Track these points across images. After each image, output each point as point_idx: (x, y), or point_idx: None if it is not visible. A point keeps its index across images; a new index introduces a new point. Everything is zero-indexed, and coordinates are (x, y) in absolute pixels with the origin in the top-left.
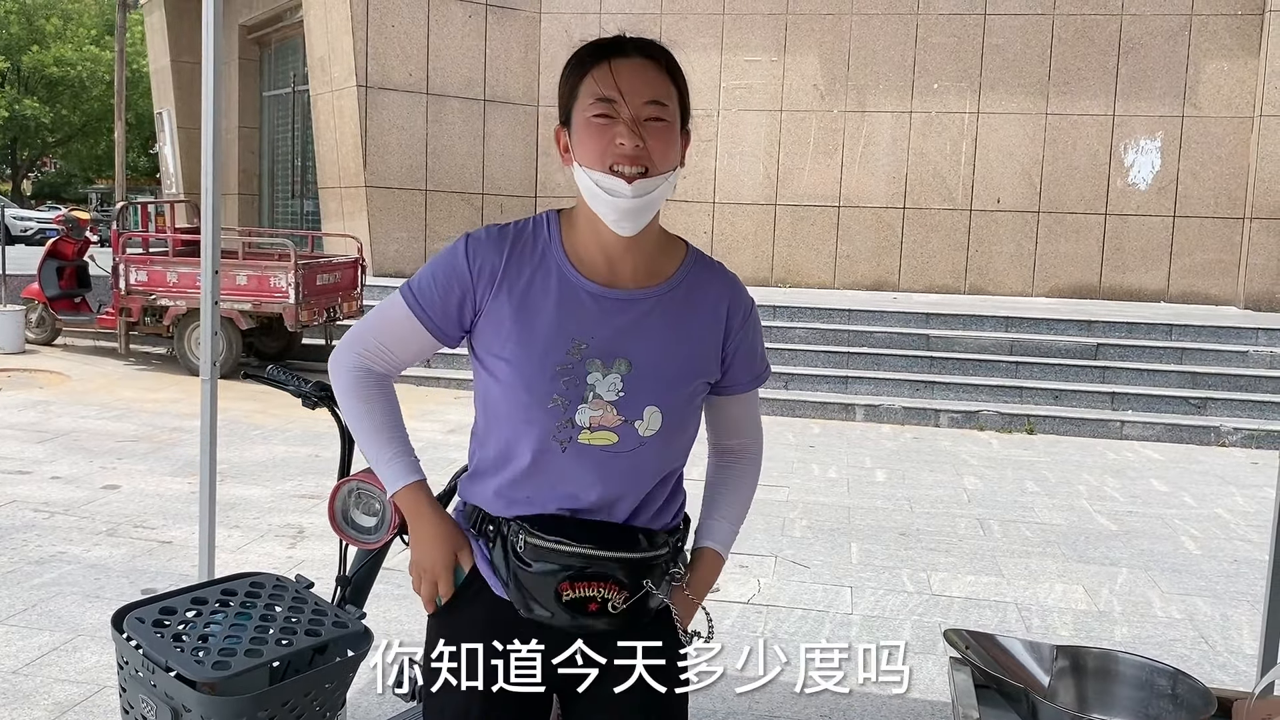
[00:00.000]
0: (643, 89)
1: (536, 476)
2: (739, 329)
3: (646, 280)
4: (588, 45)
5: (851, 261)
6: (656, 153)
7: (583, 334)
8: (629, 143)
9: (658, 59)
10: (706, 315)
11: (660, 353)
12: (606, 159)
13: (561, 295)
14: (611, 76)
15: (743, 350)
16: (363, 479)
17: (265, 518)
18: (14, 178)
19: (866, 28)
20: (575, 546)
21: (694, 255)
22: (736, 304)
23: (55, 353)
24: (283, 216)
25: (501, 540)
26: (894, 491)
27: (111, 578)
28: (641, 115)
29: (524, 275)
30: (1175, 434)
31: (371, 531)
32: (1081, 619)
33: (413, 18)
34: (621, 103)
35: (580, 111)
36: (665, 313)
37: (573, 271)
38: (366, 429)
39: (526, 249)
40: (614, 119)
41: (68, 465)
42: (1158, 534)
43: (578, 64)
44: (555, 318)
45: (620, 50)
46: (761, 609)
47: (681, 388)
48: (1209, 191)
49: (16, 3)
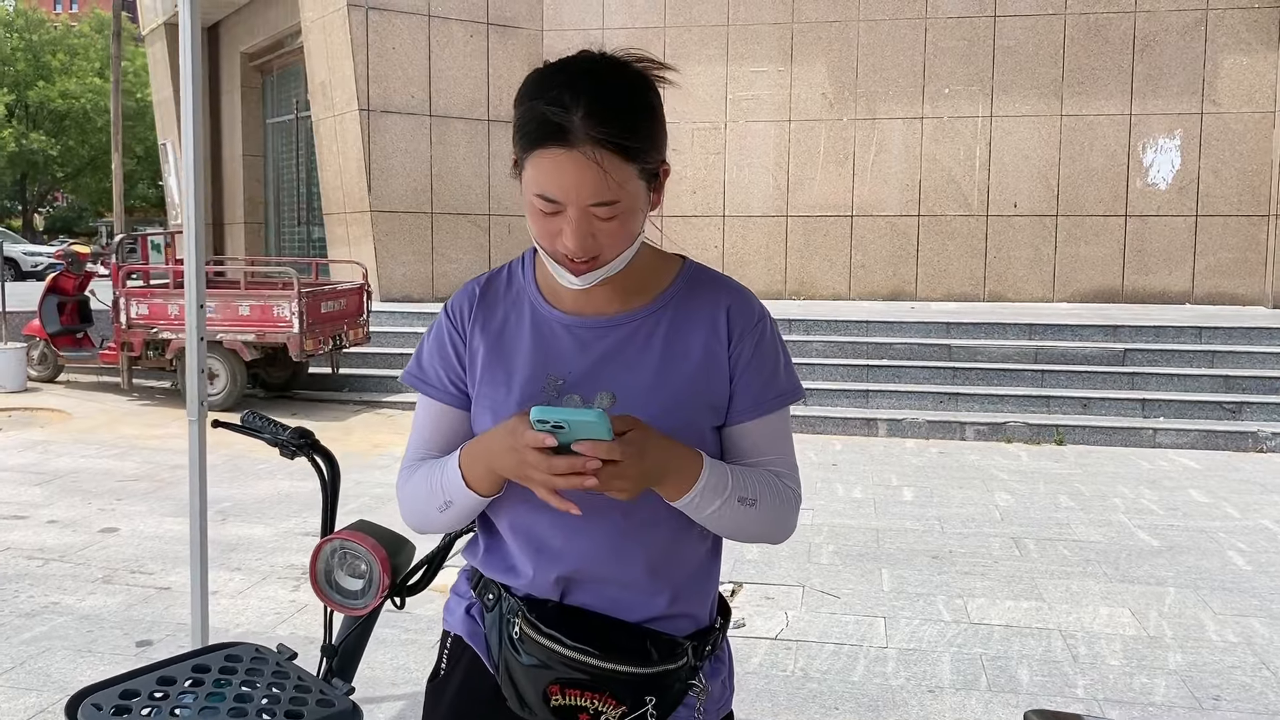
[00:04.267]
0: (588, 191)
1: (520, 537)
2: (744, 336)
3: (629, 303)
4: (537, 102)
5: (866, 271)
6: (608, 244)
7: (558, 368)
8: (574, 243)
9: (610, 141)
10: (703, 328)
11: (649, 380)
12: (553, 244)
13: (535, 330)
14: (554, 175)
15: (755, 361)
16: (347, 537)
17: (268, 558)
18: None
19: (874, 34)
20: (571, 649)
21: (690, 270)
22: (739, 310)
23: (58, 390)
24: (290, 244)
25: (499, 616)
26: (923, 511)
27: (105, 630)
28: (589, 211)
29: (497, 315)
30: (1210, 440)
31: (358, 596)
32: (1131, 646)
33: (413, 39)
34: (565, 202)
35: (524, 182)
36: (652, 335)
37: (544, 304)
38: (422, 489)
39: (500, 290)
40: (559, 213)
41: (65, 508)
42: (1203, 549)
43: (523, 130)
44: (529, 354)
45: (563, 137)
46: (791, 645)
47: (678, 416)
48: (1231, 189)
49: (23, 40)
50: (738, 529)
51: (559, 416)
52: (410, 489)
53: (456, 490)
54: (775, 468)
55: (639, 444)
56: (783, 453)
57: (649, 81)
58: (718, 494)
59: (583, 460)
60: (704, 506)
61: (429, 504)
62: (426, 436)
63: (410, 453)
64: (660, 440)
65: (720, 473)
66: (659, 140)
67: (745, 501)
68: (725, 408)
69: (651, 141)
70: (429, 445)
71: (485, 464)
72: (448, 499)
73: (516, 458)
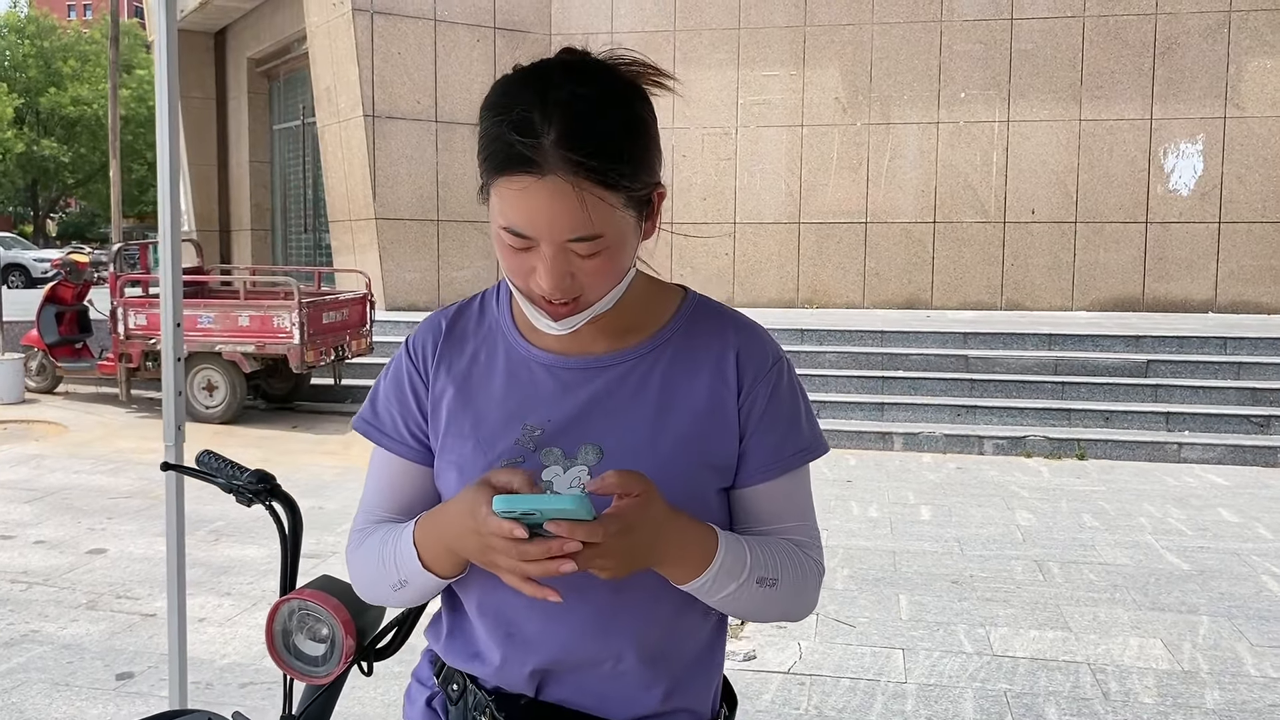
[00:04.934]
0: (564, 225)
1: (488, 618)
2: (757, 383)
3: (621, 341)
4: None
5: (881, 279)
6: (590, 284)
7: (535, 416)
8: (549, 284)
9: (589, 168)
10: (707, 372)
11: (642, 432)
12: (527, 284)
13: (509, 371)
14: (522, 207)
15: (770, 413)
16: (307, 597)
17: (260, 582)
18: (36, 219)
19: (888, 37)
20: None
21: (692, 303)
22: (751, 353)
23: (56, 401)
24: (297, 251)
25: (464, 711)
26: (941, 531)
27: (85, 660)
28: (566, 248)
29: (465, 353)
30: (1238, 456)
31: (319, 663)
32: (1165, 681)
33: (419, 45)
34: (537, 238)
35: (490, 210)
36: (647, 378)
37: (520, 340)
38: (373, 561)
39: (470, 323)
40: (531, 249)
41: (54, 527)
42: (1236, 574)
43: (486, 152)
44: (501, 399)
45: (533, 162)
46: (804, 680)
47: (676, 475)
48: (1255, 195)
49: (35, 47)
50: (753, 612)
51: (528, 505)
52: (361, 558)
53: (411, 570)
54: (795, 536)
55: (627, 521)
56: (803, 519)
57: (639, 90)
58: (734, 576)
59: (559, 543)
60: (717, 591)
61: (381, 579)
62: (382, 495)
63: (361, 514)
64: (663, 513)
65: (737, 551)
66: (650, 160)
67: (765, 582)
68: (733, 467)
69: (641, 164)
70: (384, 506)
71: (444, 543)
72: (402, 578)
73: (479, 542)
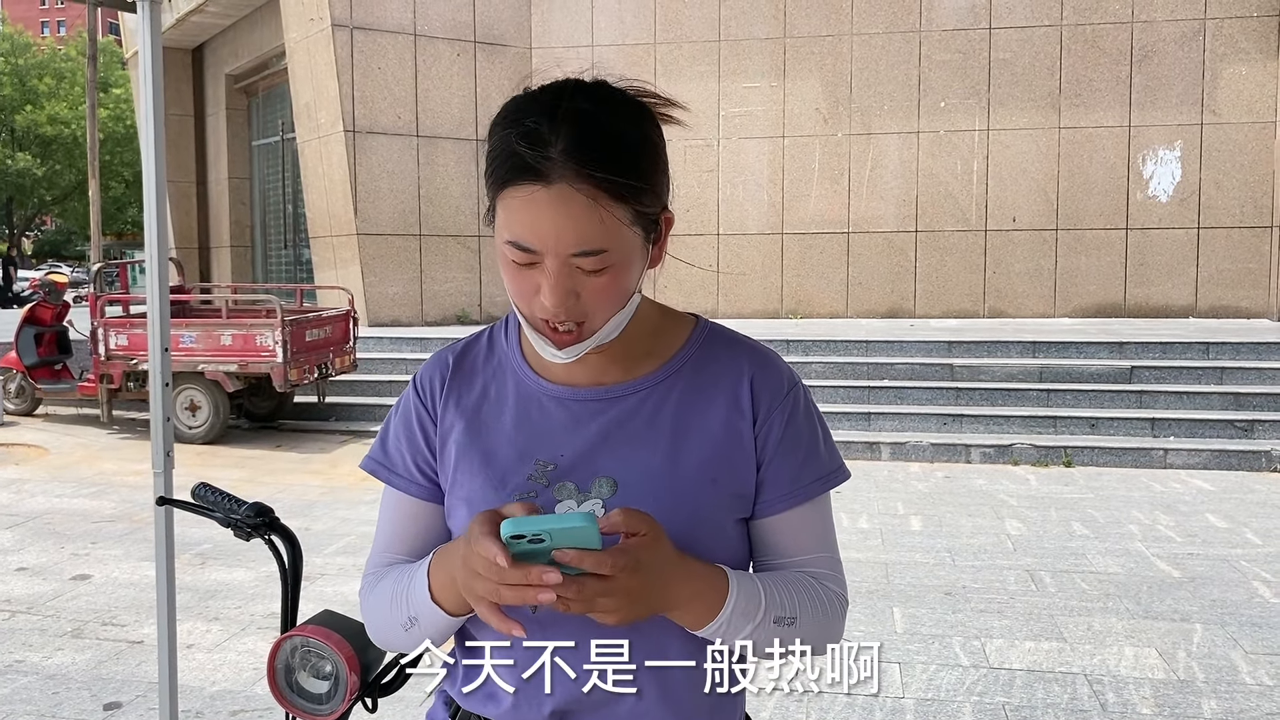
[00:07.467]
0: (570, 237)
1: (502, 656)
2: (773, 411)
3: (632, 371)
4: (509, 131)
5: (864, 289)
6: (594, 304)
7: (547, 451)
8: (552, 300)
9: (598, 176)
10: (721, 401)
11: (656, 463)
12: (531, 307)
13: (519, 405)
14: (527, 217)
15: (788, 440)
16: (310, 633)
17: (248, 606)
18: (12, 237)
19: (868, 48)
20: None
21: (704, 331)
22: (766, 379)
23: (36, 423)
24: (277, 267)
25: None
26: (932, 542)
27: (71, 690)
28: (570, 263)
29: (475, 388)
30: (1223, 460)
31: (323, 700)
32: (1162, 691)
33: (399, 59)
34: (542, 251)
35: (496, 228)
36: (660, 409)
37: (530, 374)
38: (385, 600)
39: (479, 358)
40: (535, 265)
41: (36, 553)
42: (1227, 580)
43: (493, 165)
44: (512, 434)
45: (539, 170)
46: (801, 698)
47: (692, 506)
48: (1233, 200)
49: (9, 64)
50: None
51: (537, 528)
52: (374, 600)
53: (421, 603)
54: (815, 568)
55: (636, 557)
56: (825, 549)
57: (649, 114)
58: (749, 618)
59: (539, 571)
60: (733, 634)
61: (392, 618)
62: (394, 536)
63: (374, 556)
64: (671, 556)
65: (750, 592)
66: (658, 182)
67: (782, 622)
68: (751, 497)
69: (649, 181)
70: (395, 547)
71: (449, 573)
72: (411, 614)
73: (466, 568)
